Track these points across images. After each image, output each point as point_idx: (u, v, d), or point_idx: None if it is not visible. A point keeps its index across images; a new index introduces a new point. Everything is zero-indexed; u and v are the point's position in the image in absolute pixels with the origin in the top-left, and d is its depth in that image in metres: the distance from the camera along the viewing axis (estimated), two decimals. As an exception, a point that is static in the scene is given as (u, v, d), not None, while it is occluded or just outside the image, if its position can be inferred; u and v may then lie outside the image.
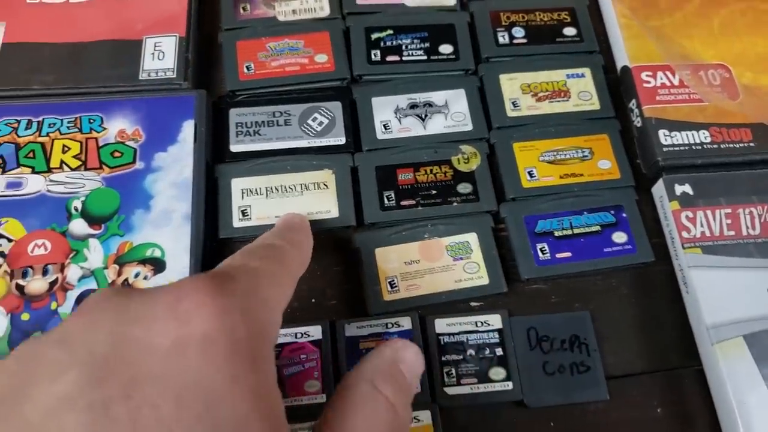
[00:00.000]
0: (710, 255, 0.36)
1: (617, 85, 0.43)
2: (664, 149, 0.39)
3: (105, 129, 0.37)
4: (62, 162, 0.36)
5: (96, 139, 0.37)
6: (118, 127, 0.38)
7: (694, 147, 0.39)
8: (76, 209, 0.35)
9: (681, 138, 0.39)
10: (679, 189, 0.38)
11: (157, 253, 0.34)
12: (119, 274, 0.34)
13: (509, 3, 0.44)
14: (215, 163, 0.38)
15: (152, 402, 0.19)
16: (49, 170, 0.36)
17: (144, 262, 0.34)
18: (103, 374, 0.19)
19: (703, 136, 0.39)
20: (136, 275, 0.34)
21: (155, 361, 0.20)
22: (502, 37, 0.43)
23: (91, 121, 0.38)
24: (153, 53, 0.40)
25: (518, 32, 0.43)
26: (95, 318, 0.21)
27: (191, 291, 0.22)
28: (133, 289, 0.23)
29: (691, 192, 0.38)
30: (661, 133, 0.39)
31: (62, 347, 0.20)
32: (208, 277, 0.23)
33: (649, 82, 0.41)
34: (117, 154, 0.37)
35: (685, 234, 0.37)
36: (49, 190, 0.36)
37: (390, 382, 0.27)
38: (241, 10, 0.43)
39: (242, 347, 0.21)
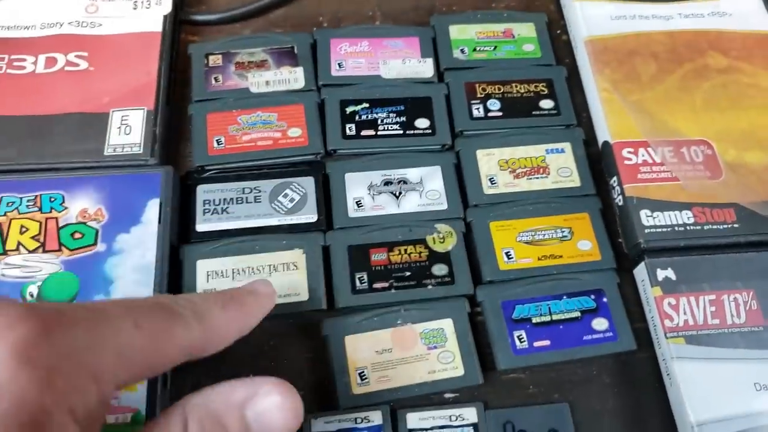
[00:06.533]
0: (694, 345, 0.34)
1: (599, 159, 0.42)
2: (646, 231, 0.38)
3: (66, 208, 0.36)
4: (19, 243, 0.35)
5: (56, 219, 0.36)
6: (80, 206, 0.36)
7: (677, 228, 0.38)
8: (32, 295, 0.34)
9: (663, 219, 0.38)
10: (661, 274, 0.36)
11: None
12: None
13: (486, 74, 0.43)
14: (180, 243, 0.37)
15: None
16: (5, 252, 0.35)
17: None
18: None
19: (686, 217, 0.38)
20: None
21: None
22: (477, 110, 0.42)
23: (52, 199, 0.36)
24: (120, 127, 0.39)
25: (494, 105, 0.42)
26: None
27: (5, 327, 0.19)
28: None
29: (673, 277, 0.36)
30: (643, 213, 0.38)
31: None
32: (41, 317, 0.20)
33: (630, 159, 0.40)
34: (78, 235, 0.35)
35: (668, 323, 0.35)
36: (3, 275, 0.34)
37: (212, 429, 0.23)
38: (213, 81, 0.42)
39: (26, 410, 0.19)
